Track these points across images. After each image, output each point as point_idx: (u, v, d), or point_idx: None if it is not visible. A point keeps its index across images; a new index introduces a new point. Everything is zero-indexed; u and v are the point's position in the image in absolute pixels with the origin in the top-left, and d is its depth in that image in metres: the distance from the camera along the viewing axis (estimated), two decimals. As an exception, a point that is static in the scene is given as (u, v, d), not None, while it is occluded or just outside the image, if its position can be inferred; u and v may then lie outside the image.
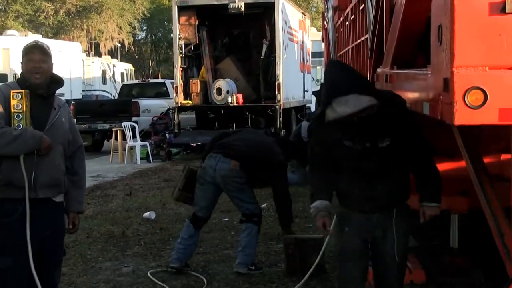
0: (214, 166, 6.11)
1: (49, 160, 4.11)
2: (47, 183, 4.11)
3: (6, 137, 3.97)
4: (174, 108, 17.26)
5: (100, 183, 12.57)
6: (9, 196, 4.06)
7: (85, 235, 7.87)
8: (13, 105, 4.03)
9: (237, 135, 6.48)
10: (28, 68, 4.13)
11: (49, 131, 4.12)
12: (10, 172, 4.02)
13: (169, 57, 55.27)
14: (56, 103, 4.25)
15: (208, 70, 17.58)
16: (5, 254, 4.05)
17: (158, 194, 11.02)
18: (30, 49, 4.15)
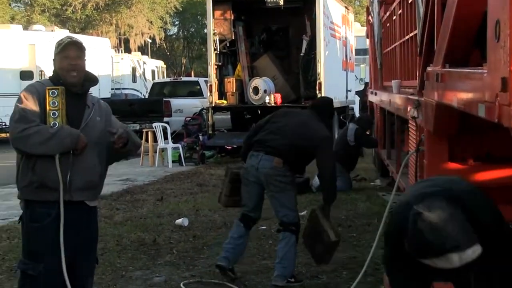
0: (256, 165, 6.24)
1: (85, 161, 4.17)
2: (83, 185, 4.17)
3: (42, 135, 4.04)
4: (208, 108, 17.34)
5: (129, 187, 12.69)
6: (42, 199, 4.13)
7: (114, 242, 7.96)
8: (49, 102, 4.10)
9: (271, 125, 6.46)
10: (63, 66, 4.19)
11: (84, 130, 4.19)
12: (44, 172, 4.09)
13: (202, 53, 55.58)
14: (90, 101, 4.32)
15: (244, 67, 17.63)
16: (37, 260, 4.13)
17: (191, 200, 11.09)
18: (65, 46, 4.21)
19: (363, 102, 16.84)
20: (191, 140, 17.35)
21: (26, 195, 4.18)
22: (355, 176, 12.56)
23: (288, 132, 6.29)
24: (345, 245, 7.71)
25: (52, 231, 4.10)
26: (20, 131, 4.03)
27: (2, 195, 12.18)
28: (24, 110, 4.07)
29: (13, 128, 4.08)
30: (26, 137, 4.03)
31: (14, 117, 4.10)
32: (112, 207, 10.40)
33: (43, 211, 4.13)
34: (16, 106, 4.13)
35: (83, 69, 4.24)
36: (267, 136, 6.34)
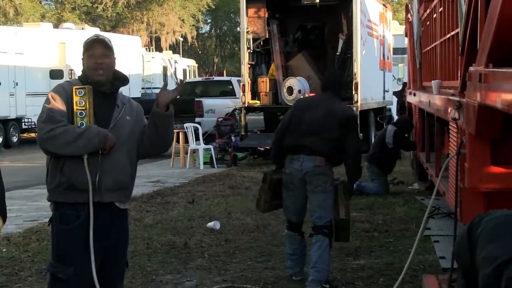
0: (300, 167, 6.38)
1: (114, 161, 4.19)
2: (112, 186, 4.19)
3: (69, 135, 4.06)
4: (240, 108, 17.36)
5: (160, 189, 12.75)
6: (71, 201, 4.15)
7: (144, 245, 8.00)
8: (76, 101, 4.12)
9: (299, 125, 6.52)
10: (89, 65, 4.21)
11: (113, 130, 4.20)
12: (72, 174, 4.11)
13: (235, 52, 55.71)
14: (120, 100, 4.33)
15: (278, 67, 17.62)
16: (66, 263, 4.15)
17: (223, 202, 11.11)
18: (91, 44, 4.23)
19: (401, 103, 16.71)
20: (223, 141, 17.37)
21: (55, 197, 4.21)
22: (392, 179, 12.49)
23: (318, 127, 6.41)
24: (382, 251, 7.66)
25: (81, 233, 4.12)
26: (47, 131, 4.06)
27: (31, 196, 12.32)
28: (51, 110, 4.10)
29: (40, 129, 4.11)
30: (53, 138, 4.05)
31: (41, 118, 4.13)
32: (142, 209, 10.46)
33: (72, 213, 4.16)
34: (44, 106, 4.17)
35: (111, 67, 4.25)
36: (302, 138, 6.43)
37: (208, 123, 18.93)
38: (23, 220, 9.91)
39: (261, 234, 8.62)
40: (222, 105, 20.61)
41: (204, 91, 22.68)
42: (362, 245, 7.91)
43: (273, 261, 7.32)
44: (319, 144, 6.37)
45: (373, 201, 10.63)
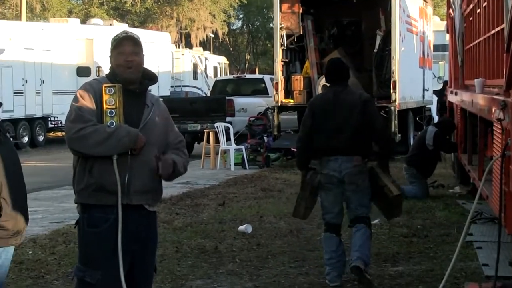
0: (338, 168, 6.57)
1: (144, 162, 4.20)
2: (142, 188, 4.21)
3: (99, 134, 4.07)
4: (273, 107, 17.36)
5: (189, 191, 12.80)
6: (99, 203, 4.18)
7: (174, 249, 8.03)
8: (106, 100, 4.13)
9: (323, 125, 6.65)
10: (119, 62, 4.23)
11: (143, 130, 4.21)
12: (101, 175, 4.14)
13: (268, 49, 55.68)
14: (149, 100, 4.35)
15: (313, 64, 17.59)
16: (94, 267, 4.18)
17: (255, 205, 11.12)
18: (120, 41, 4.25)
19: (442, 103, 16.59)
20: (255, 142, 17.39)
21: (82, 199, 4.24)
22: (432, 182, 12.40)
23: (343, 124, 6.58)
24: (421, 257, 7.61)
25: (109, 236, 4.14)
26: (76, 131, 4.08)
27: (57, 197, 12.44)
28: (80, 109, 4.12)
29: (69, 128, 4.12)
30: (82, 137, 4.07)
31: (69, 117, 4.14)
32: (172, 212, 10.51)
33: (100, 215, 4.18)
34: (72, 105, 4.18)
35: (140, 65, 4.27)
36: (332, 139, 6.59)
37: (240, 123, 18.95)
38: (49, 221, 10.01)
39: (295, 239, 8.61)
40: (254, 104, 20.63)
41: (236, 90, 22.70)
42: (400, 251, 7.86)
43: (307, 267, 7.31)
44: (352, 143, 6.54)
45: (412, 205, 10.55)
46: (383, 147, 6.71)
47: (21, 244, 7.98)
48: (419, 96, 19.99)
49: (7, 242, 3.50)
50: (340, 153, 6.55)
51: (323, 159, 6.62)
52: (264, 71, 48.53)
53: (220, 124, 16.93)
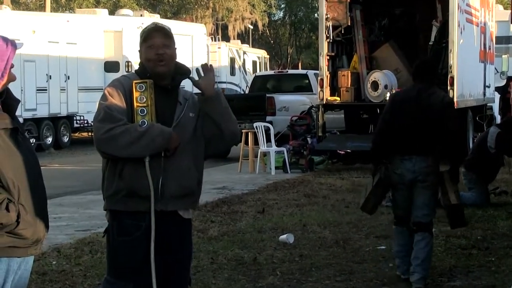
0: (412, 168, 6.90)
1: (178, 164, 4.23)
2: (177, 193, 4.23)
3: (130, 134, 4.11)
4: (318, 105, 17.34)
5: (226, 197, 12.83)
6: (131, 209, 4.21)
7: (209, 260, 8.06)
8: (136, 97, 4.18)
9: (399, 121, 6.97)
10: (148, 56, 4.26)
11: (176, 128, 4.24)
12: (133, 179, 4.17)
13: (312, 42, 55.65)
14: (182, 96, 4.38)
15: (362, 58, 17.54)
16: (126, 278, 4.21)
17: (297, 213, 11.11)
18: (149, 33, 4.29)
19: (505, 100, 16.44)
20: (297, 143, 17.38)
21: (112, 205, 4.27)
22: (494, 188, 12.28)
23: (422, 124, 6.85)
24: (482, 271, 7.55)
25: (141, 246, 4.17)
26: (105, 131, 4.11)
27: (83, 202, 12.55)
28: (109, 108, 4.15)
29: (98, 128, 4.16)
30: (112, 138, 4.10)
31: (98, 116, 4.18)
32: (206, 220, 10.54)
33: (132, 223, 4.21)
34: (100, 103, 4.22)
35: (172, 59, 4.29)
36: (409, 137, 6.91)
37: (281, 123, 18.96)
38: (74, 229, 10.10)
39: (341, 250, 8.59)
40: (297, 102, 20.61)
41: (277, 86, 22.72)
42: (458, 264, 7.80)
43: (354, 280, 7.29)
44: (429, 143, 6.87)
45: (471, 213, 10.45)
46: (455, 154, 6.99)
47: (44, 253, 8.10)
48: (479, 93, 19.80)
49: (26, 251, 3.54)
50: (415, 153, 6.87)
51: (397, 157, 6.97)
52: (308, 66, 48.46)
53: (260, 124, 16.95)
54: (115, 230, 4.27)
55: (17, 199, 3.44)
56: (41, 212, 3.60)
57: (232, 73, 35.34)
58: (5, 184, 3.41)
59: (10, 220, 3.40)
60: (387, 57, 17.63)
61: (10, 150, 3.47)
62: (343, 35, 17.77)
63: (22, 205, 3.46)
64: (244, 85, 34.09)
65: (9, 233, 3.43)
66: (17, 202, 3.43)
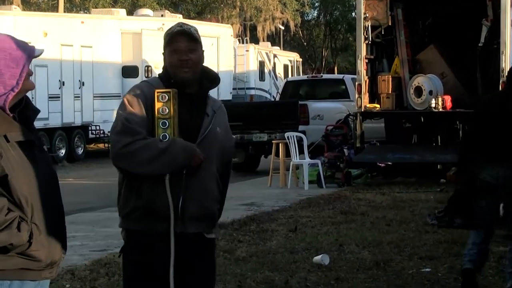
0: (496, 175, 7.07)
1: (200, 183, 4.22)
2: (198, 214, 4.23)
3: (149, 151, 4.09)
4: (355, 114, 17.31)
5: (255, 214, 12.83)
6: (148, 229, 4.21)
7: (236, 284, 8.07)
8: (158, 109, 4.14)
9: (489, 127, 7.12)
10: (172, 61, 4.23)
11: (201, 145, 4.22)
12: (151, 197, 4.17)
13: (349, 44, 55.61)
14: (210, 107, 4.34)
15: (404, 62, 17.49)
16: None
17: (333, 231, 11.09)
18: (173, 36, 4.25)
19: None
20: (333, 155, 17.35)
21: (129, 224, 4.28)
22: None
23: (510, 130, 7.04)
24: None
25: (159, 268, 4.18)
26: (123, 146, 4.10)
27: (99, 220, 12.61)
28: (127, 119, 4.13)
29: (115, 142, 4.15)
30: (130, 154, 4.09)
31: (115, 128, 4.17)
32: (233, 239, 10.55)
33: (149, 243, 4.22)
34: (119, 114, 4.20)
35: (199, 64, 4.27)
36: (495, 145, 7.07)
37: (315, 132, 18.94)
38: (89, 249, 10.15)
39: (381, 272, 8.56)
40: (333, 110, 20.60)
41: (310, 93, 22.72)
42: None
43: (396, 307, 7.26)
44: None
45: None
46: None
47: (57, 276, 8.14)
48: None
49: (40, 274, 3.55)
50: (501, 160, 7.02)
51: (482, 163, 7.13)
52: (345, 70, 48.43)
53: (292, 134, 16.94)
54: (131, 250, 4.28)
55: (30, 217, 3.45)
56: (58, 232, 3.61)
57: (261, 78, 35.38)
58: (18, 201, 3.42)
59: (22, 241, 3.41)
60: (432, 60, 17.56)
61: (24, 165, 3.48)
62: (383, 36, 17.74)
63: (35, 224, 3.47)
64: (274, 91, 34.12)
65: (21, 254, 3.44)
66: (30, 221, 3.44)
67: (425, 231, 10.16)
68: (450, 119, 16.81)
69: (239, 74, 34.00)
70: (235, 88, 33.05)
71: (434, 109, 16.44)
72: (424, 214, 11.92)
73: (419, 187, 15.58)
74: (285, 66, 37.66)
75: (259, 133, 19.28)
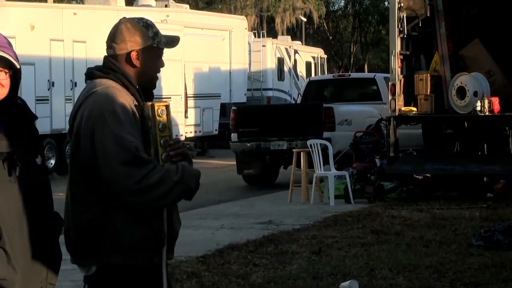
0: None
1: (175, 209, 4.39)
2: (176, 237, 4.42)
3: (166, 183, 4.10)
4: (388, 118, 17.29)
5: (273, 234, 12.82)
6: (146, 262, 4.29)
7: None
8: (158, 125, 4.15)
9: None
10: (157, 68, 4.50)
11: None
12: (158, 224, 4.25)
13: (381, 38, 55.58)
14: None
15: (445, 58, 17.48)
16: None
17: (362, 254, 11.08)
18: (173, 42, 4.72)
19: None
20: (363, 166, 17.34)
21: (136, 258, 4.38)
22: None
23: None
24: None
25: None
26: (138, 181, 4.04)
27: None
28: (136, 148, 4.07)
29: (126, 176, 4.04)
30: (148, 189, 4.07)
31: (121, 155, 4.05)
32: (248, 262, 10.55)
33: (142, 278, 4.34)
34: (116, 132, 4.08)
35: None
36: None
37: (342, 140, 18.95)
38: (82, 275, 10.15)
39: (418, 301, 8.57)
40: (362, 114, 20.61)
41: (337, 94, 22.74)
42: None
43: None
44: None
45: None
46: None
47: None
48: None
49: None
50: None
51: None
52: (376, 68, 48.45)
53: (315, 142, 16.93)
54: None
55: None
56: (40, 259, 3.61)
57: (280, 78, 35.42)
58: None
59: None
60: (477, 56, 17.54)
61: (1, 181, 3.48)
62: (421, 28, 17.74)
63: (3, 250, 3.47)
64: (295, 92, 34.13)
65: None
66: None
67: (470, 254, 10.14)
68: (498, 124, 16.78)
69: (255, 73, 34.02)
70: (250, 89, 33.08)
71: (479, 113, 16.40)
72: (468, 234, 11.90)
73: (462, 203, 15.54)
74: (307, 63, 37.68)
75: (277, 140, 19.28)
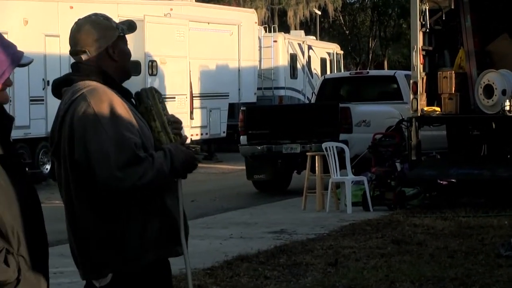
0: None
1: None
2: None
3: (161, 176, 4.30)
4: (410, 119, 17.28)
5: (285, 244, 12.84)
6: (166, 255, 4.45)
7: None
8: (159, 99, 4.54)
9: None
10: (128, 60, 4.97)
11: None
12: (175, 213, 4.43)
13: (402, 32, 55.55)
14: None
15: (471, 54, 17.46)
16: None
17: (382, 265, 11.09)
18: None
19: None
20: (383, 170, 17.33)
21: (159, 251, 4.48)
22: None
23: None
24: None
25: None
26: (139, 178, 4.19)
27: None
28: (136, 144, 4.21)
29: (128, 175, 4.16)
30: (147, 185, 4.24)
31: (118, 155, 4.15)
32: (259, 275, 10.57)
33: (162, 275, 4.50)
34: (110, 131, 4.18)
35: None
36: None
37: (360, 142, 18.95)
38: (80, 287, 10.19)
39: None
40: (382, 114, 20.61)
41: (354, 93, 22.74)
42: None
43: None
44: None
45: None
46: None
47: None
48: None
49: None
50: None
51: None
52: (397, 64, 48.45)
53: (331, 145, 16.93)
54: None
55: (16, 249, 3.45)
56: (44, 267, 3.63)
57: (293, 75, 35.40)
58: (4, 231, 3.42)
59: (10, 277, 3.41)
60: (506, 52, 17.52)
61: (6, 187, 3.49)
62: (445, 22, 17.73)
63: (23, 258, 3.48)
64: (309, 91, 34.15)
65: None
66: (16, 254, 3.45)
67: (498, 265, 10.14)
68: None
69: (266, 70, 33.99)
70: (261, 88, 33.03)
71: (508, 113, 16.39)
72: (496, 243, 11.89)
73: (489, 210, 15.53)
74: (322, 60, 37.67)
75: (290, 143, 19.27)
